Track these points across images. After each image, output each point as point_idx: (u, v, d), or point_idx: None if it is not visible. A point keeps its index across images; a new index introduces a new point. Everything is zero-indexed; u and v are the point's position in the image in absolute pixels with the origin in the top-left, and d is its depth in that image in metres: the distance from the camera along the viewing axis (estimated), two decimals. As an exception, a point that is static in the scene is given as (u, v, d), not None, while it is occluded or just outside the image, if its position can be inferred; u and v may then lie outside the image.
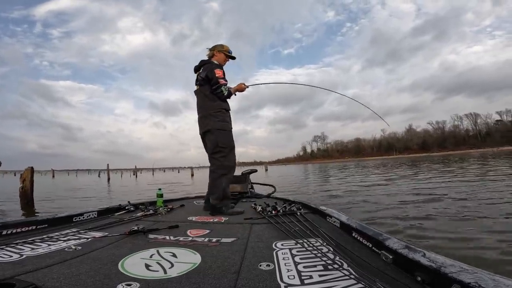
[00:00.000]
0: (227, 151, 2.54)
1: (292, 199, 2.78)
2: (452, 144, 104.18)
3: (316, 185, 10.25)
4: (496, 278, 0.74)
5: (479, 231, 2.99)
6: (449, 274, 0.81)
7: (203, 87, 2.54)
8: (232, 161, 2.59)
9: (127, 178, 30.67)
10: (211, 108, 2.52)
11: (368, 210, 4.60)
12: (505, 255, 2.33)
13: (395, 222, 3.67)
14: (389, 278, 0.99)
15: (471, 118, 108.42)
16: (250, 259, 1.23)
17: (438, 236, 2.95)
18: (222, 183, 2.46)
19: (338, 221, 1.75)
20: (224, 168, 2.52)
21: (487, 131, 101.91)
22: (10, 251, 1.36)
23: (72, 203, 7.64)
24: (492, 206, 4.19)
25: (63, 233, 1.73)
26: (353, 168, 16.87)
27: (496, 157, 24.40)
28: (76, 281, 1.01)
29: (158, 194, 2.81)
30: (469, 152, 68.98)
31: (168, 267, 1.14)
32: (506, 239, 2.70)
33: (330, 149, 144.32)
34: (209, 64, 2.57)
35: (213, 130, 2.51)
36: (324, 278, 1.00)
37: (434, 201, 4.97)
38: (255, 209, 2.41)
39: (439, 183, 7.70)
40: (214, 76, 2.46)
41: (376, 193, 6.72)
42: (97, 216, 2.28)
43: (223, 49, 2.67)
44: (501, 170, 10.76)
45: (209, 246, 1.45)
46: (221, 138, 2.51)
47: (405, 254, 1.03)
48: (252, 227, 1.88)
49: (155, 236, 1.66)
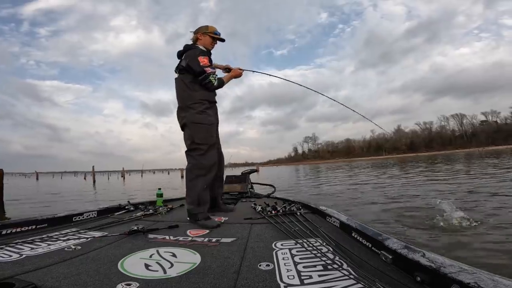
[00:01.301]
0: (204, 148, 2.18)
1: (292, 199, 2.78)
2: (439, 144, 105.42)
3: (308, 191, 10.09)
4: (495, 279, 0.75)
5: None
6: (449, 274, 0.82)
7: (183, 75, 2.23)
8: (211, 160, 2.22)
9: (114, 180, 30.06)
10: (189, 99, 2.20)
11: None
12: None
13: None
14: (388, 278, 0.99)
15: (457, 119, 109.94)
16: (249, 259, 1.23)
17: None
18: (197, 185, 2.13)
19: (338, 221, 1.75)
20: (200, 168, 2.16)
21: (473, 131, 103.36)
22: (10, 250, 1.36)
23: (48, 209, 7.13)
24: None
25: (62, 233, 1.73)
26: (342, 173, 16.63)
27: (480, 157, 25.19)
28: (75, 280, 1.01)
29: (158, 194, 2.81)
30: (455, 152, 70.60)
31: (167, 267, 1.14)
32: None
33: (321, 150, 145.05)
34: (192, 51, 2.24)
35: (188, 124, 2.19)
36: (323, 278, 1.01)
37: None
38: (255, 209, 2.40)
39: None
40: (197, 65, 2.14)
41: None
42: (96, 216, 2.28)
43: (208, 30, 2.33)
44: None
45: (208, 246, 1.45)
46: (197, 133, 2.18)
47: (405, 254, 1.04)
48: (252, 227, 1.88)
49: (154, 236, 1.66)
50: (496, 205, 4.19)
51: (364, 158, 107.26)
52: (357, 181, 11.07)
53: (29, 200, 9.68)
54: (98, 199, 9.88)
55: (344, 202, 5.84)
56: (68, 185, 21.01)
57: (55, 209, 6.47)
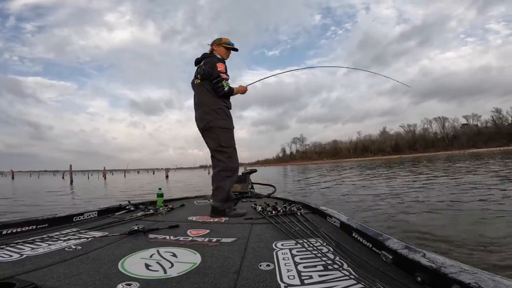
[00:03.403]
0: (231, 151, 2.42)
1: (292, 199, 2.79)
2: (422, 146, 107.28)
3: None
4: (496, 279, 0.75)
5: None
6: (449, 274, 0.82)
7: (204, 81, 2.41)
8: (236, 163, 2.48)
9: (94, 180, 29.22)
10: (214, 103, 2.38)
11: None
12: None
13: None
14: (389, 278, 1.00)
15: (439, 122, 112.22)
16: (250, 259, 1.23)
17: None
18: (226, 186, 2.35)
19: (338, 221, 1.75)
20: (228, 170, 2.40)
21: (454, 134, 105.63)
22: (10, 250, 1.36)
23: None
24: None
25: (63, 233, 1.73)
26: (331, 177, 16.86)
27: (458, 159, 26.37)
28: (76, 280, 1.01)
29: (158, 194, 2.82)
30: (437, 154, 72.77)
31: (168, 267, 1.14)
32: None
33: (309, 151, 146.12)
34: (212, 57, 2.44)
35: (215, 128, 2.38)
36: (324, 278, 1.01)
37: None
38: (255, 209, 2.41)
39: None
40: (215, 70, 2.33)
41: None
42: (97, 216, 2.28)
43: (221, 42, 2.53)
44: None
45: (209, 246, 1.45)
46: (224, 137, 2.39)
47: (405, 255, 1.04)
48: (252, 227, 1.88)
49: (155, 236, 1.66)
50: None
51: (350, 159, 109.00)
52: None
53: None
54: (58, 203, 8.73)
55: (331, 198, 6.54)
56: (39, 186, 20.06)
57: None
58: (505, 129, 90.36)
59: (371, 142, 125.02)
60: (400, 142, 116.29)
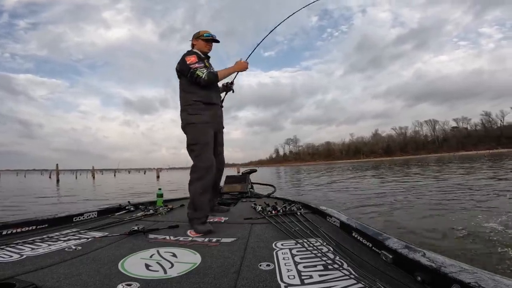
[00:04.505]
0: (197, 149, 2.08)
1: (292, 199, 2.80)
2: (413, 148, 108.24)
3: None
4: (496, 278, 0.75)
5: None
6: (449, 274, 0.82)
7: (180, 79, 2.28)
8: (207, 162, 2.08)
9: (83, 179, 28.63)
10: (184, 100, 2.22)
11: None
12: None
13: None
14: (389, 278, 1.00)
15: (430, 125, 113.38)
16: (250, 259, 1.23)
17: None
18: (193, 190, 2.02)
19: (338, 221, 1.76)
20: (196, 171, 2.05)
21: (444, 137, 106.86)
22: (10, 251, 1.37)
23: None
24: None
25: (63, 233, 1.73)
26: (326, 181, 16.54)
27: (449, 161, 26.83)
28: (76, 281, 1.01)
29: (158, 194, 2.81)
30: (428, 157, 73.86)
31: (168, 267, 1.15)
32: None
33: (302, 152, 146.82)
34: (183, 55, 2.27)
35: (186, 127, 2.19)
36: (324, 278, 1.01)
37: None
38: (255, 209, 2.41)
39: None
40: (184, 65, 2.16)
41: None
42: (97, 216, 2.28)
43: (199, 35, 2.37)
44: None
45: (209, 246, 1.46)
46: (189, 133, 2.14)
47: (405, 254, 1.04)
48: (252, 227, 1.88)
49: (155, 236, 1.66)
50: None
51: (343, 160, 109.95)
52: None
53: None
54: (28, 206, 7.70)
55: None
56: (19, 186, 19.12)
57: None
58: (494, 132, 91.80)
59: (364, 144, 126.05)
60: (391, 145, 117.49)
